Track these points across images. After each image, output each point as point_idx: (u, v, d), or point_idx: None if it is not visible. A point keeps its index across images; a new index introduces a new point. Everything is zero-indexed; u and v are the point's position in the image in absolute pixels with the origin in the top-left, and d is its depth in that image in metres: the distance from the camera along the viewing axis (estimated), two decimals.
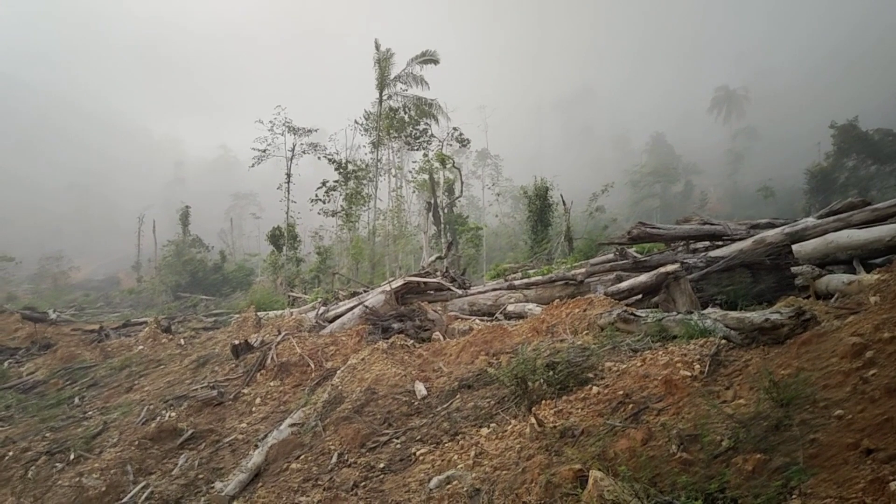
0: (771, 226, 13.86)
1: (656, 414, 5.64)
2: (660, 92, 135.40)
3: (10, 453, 11.24)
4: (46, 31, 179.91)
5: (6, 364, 20.07)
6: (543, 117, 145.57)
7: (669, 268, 10.56)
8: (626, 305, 10.44)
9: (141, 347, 18.48)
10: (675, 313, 8.56)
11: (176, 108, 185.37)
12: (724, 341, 6.69)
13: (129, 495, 8.60)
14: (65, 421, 12.69)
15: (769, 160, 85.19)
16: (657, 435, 5.22)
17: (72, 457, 10.37)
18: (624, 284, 12.01)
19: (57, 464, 10.30)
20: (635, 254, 14.78)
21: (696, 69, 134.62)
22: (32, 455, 10.89)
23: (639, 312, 9.08)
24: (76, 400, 14.46)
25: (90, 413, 13.04)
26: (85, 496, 8.87)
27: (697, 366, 6.23)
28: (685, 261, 11.99)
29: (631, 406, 5.96)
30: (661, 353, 6.91)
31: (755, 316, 6.61)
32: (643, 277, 11.73)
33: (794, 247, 11.23)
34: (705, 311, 8.35)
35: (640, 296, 11.69)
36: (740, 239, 13.05)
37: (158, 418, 11.18)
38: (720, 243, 13.82)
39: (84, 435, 11.12)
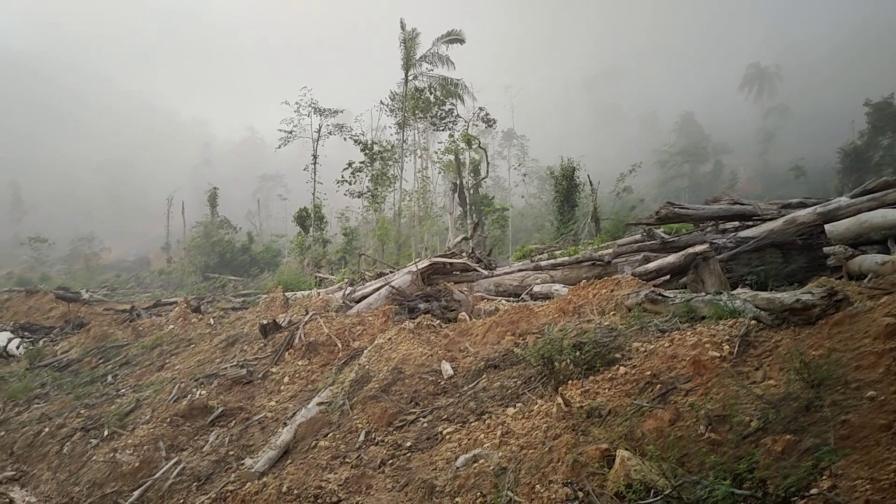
0: (802, 205, 13.60)
1: (684, 394, 5.61)
2: (688, 70, 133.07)
3: (47, 429, 11.57)
4: (77, 14, 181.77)
5: (41, 342, 20.56)
6: (570, 97, 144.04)
7: (698, 248, 10.46)
8: (654, 286, 10.36)
9: (172, 327, 18.78)
10: (703, 294, 8.48)
11: (203, 90, 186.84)
12: (753, 322, 6.61)
13: (162, 471, 8.80)
14: (99, 398, 12.99)
15: (801, 139, 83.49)
16: (685, 415, 5.20)
17: (106, 433, 10.63)
18: (651, 265, 11.92)
19: (91, 440, 10.57)
20: (663, 234, 14.63)
21: (725, 46, 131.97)
22: (68, 431, 11.19)
23: (666, 293, 9.01)
24: (109, 378, 14.77)
25: (123, 391, 13.32)
26: (119, 471, 9.10)
27: (726, 346, 6.18)
28: (714, 241, 11.85)
29: (658, 386, 5.93)
30: (689, 333, 6.85)
31: (786, 296, 6.52)
32: (671, 258, 11.63)
33: (827, 227, 11.03)
34: (735, 292, 8.26)
35: (667, 276, 11.60)
36: (771, 219, 12.83)
37: (189, 396, 11.38)
38: (750, 224, 13.62)
39: (117, 412, 11.38)
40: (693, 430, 4.96)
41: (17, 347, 19.85)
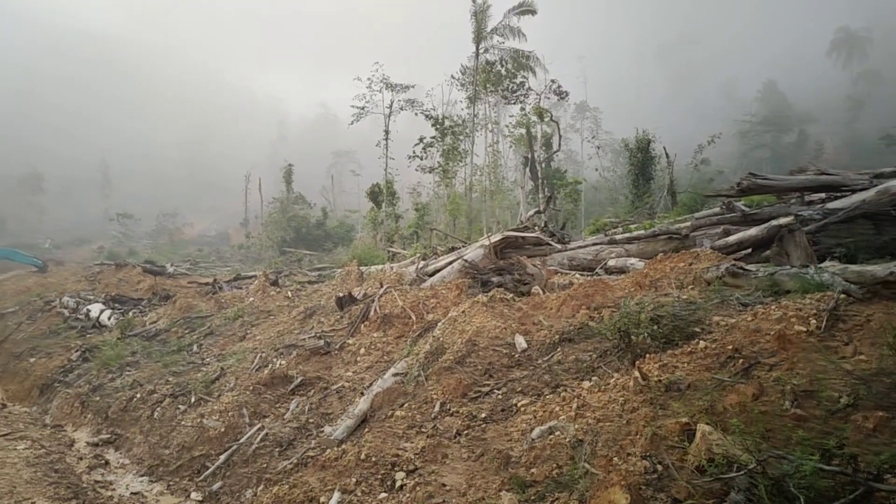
0: None
1: (768, 369, 5.46)
2: (770, 36, 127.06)
3: (138, 395, 12.18)
4: None
5: (131, 313, 21.58)
6: (645, 66, 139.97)
7: (783, 220, 10.09)
8: (734, 260, 10.06)
9: (252, 299, 19.38)
10: (788, 267, 8.18)
11: (278, 68, 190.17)
12: (843, 296, 6.35)
13: (246, 436, 9.17)
14: (185, 366, 13.57)
15: (893, 106, 78.86)
16: (769, 390, 5.07)
17: (193, 399, 11.12)
18: (732, 238, 11.55)
19: (180, 406, 11.07)
20: (743, 207, 14.16)
21: (811, 9, 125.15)
22: (158, 397, 11.75)
23: (748, 267, 8.75)
24: (195, 347, 15.40)
25: (208, 360, 13.87)
26: (206, 436, 9.52)
27: (813, 321, 5.96)
28: (799, 213, 11.38)
29: (741, 361, 5.79)
30: (773, 307, 6.64)
31: (878, 269, 6.24)
32: (753, 231, 11.25)
33: None
34: (822, 265, 7.95)
35: (749, 250, 11.23)
36: (862, 189, 12.20)
37: (270, 366, 11.76)
38: (838, 194, 13.02)
39: (203, 380, 11.87)
40: (778, 406, 4.83)
41: (109, 318, 20.91)
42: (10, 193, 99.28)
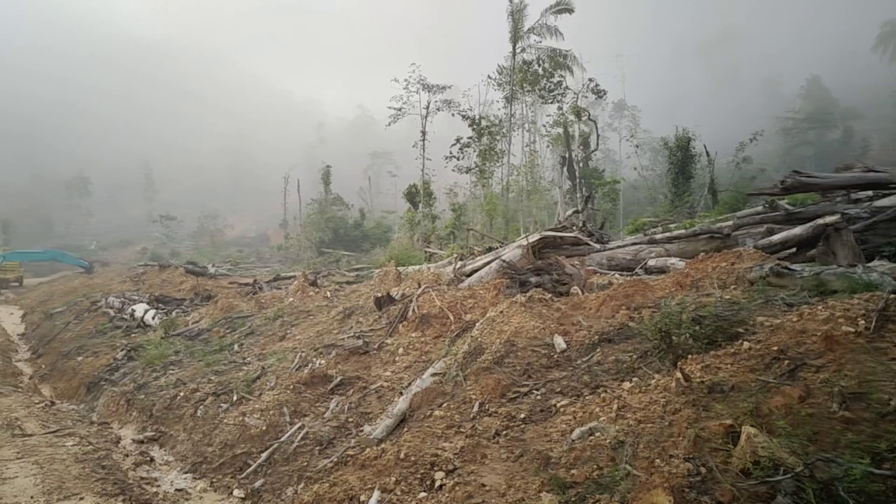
0: None
1: (815, 371, 5.34)
2: (814, 31, 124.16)
3: (182, 393, 12.40)
4: (201, 1, 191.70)
5: (174, 313, 22.01)
6: (685, 63, 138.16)
7: (829, 219, 9.87)
8: (778, 259, 9.87)
9: (291, 299, 19.59)
10: (835, 267, 8.01)
11: (316, 70, 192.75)
12: (893, 296, 6.18)
13: (287, 434, 9.27)
14: (227, 365, 13.77)
15: None
16: (816, 392, 4.96)
17: (235, 398, 11.28)
18: (776, 237, 11.35)
19: (222, 404, 11.24)
20: (787, 205, 13.89)
21: (857, 2, 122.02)
22: (201, 395, 11.94)
23: (793, 266, 8.58)
24: (236, 347, 15.62)
25: (249, 359, 14.06)
26: (248, 434, 9.66)
27: (862, 322, 5.81)
28: (846, 211, 11.14)
29: (786, 362, 5.67)
30: (819, 308, 6.49)
31: None
32: (798, 230, 11.04)
33: None
34: (870, 264, 7.76)
35: (793, 249, 11.03)
36: None
37: (310, 365, 11.88)
38: (886, 192, 12.69)
39: (245, 378, 12.02)
40: (825, 408, 4.73)
41: (153, 318, 21.35)
42: (58, 197, 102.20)
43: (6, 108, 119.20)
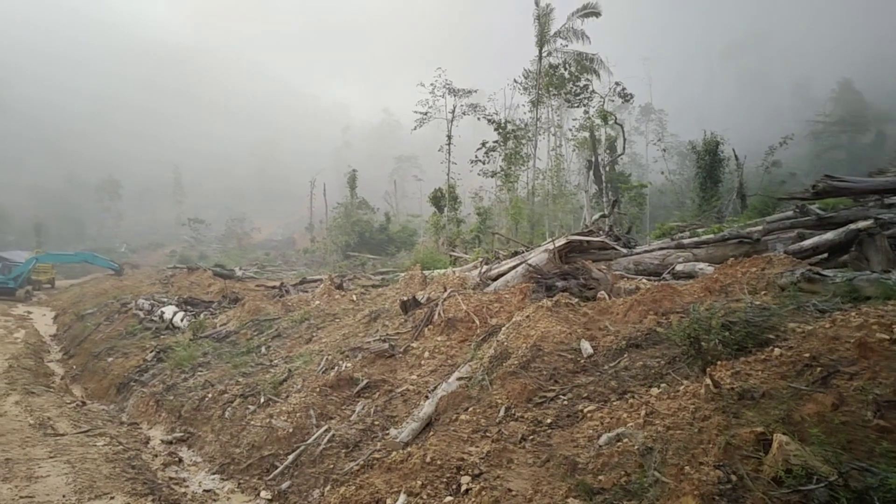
0: None
1: (848, 378, 5.25)
2: (846, 33, 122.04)
3: (210, 395, 12.53)
4: (230, 8, 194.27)
5: (202, 315, 22.24)
6: (712, 66, 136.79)
7: (862, 224, 9.72)
8: (810, 265, 9.73)
9: (317, 302, 19.70)
10: (868, 272, 7.87)
11: (342, 75, 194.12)
12: None
13: (314, 437, 9.32)
14: (254, 367, 13.88)
15: None
16: (849, 400, 4.88)
17: (262, 400, 11.36)
18: (807, 242, 11.18)
19: (249, 406, 11.33)
20: (818, 210, 13.69)
21: (889, 3, 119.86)
22: (229, 397, 12.05)
23: (825, 272, 8.44)
24: (263, 349, 15.74)
25: (276, 361, 14.16)
26: (275, 436, 9.73)
27: None
28: (879, 216, 10.94)
29: (819, 369, 5.58)
30: (852, 314, 6.39)
31: None
32: (829, 235, 10.87)
33: None
34: None
35: (825, 255, 10.85)
36: None
37: (336, 368, 11.93)
38: None
39: (272, 381, 12.11)
40: (859, 416, 4.64)
41: (182, 320, 21.61)
42: (89, 200, 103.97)
43: (40, 117, 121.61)
